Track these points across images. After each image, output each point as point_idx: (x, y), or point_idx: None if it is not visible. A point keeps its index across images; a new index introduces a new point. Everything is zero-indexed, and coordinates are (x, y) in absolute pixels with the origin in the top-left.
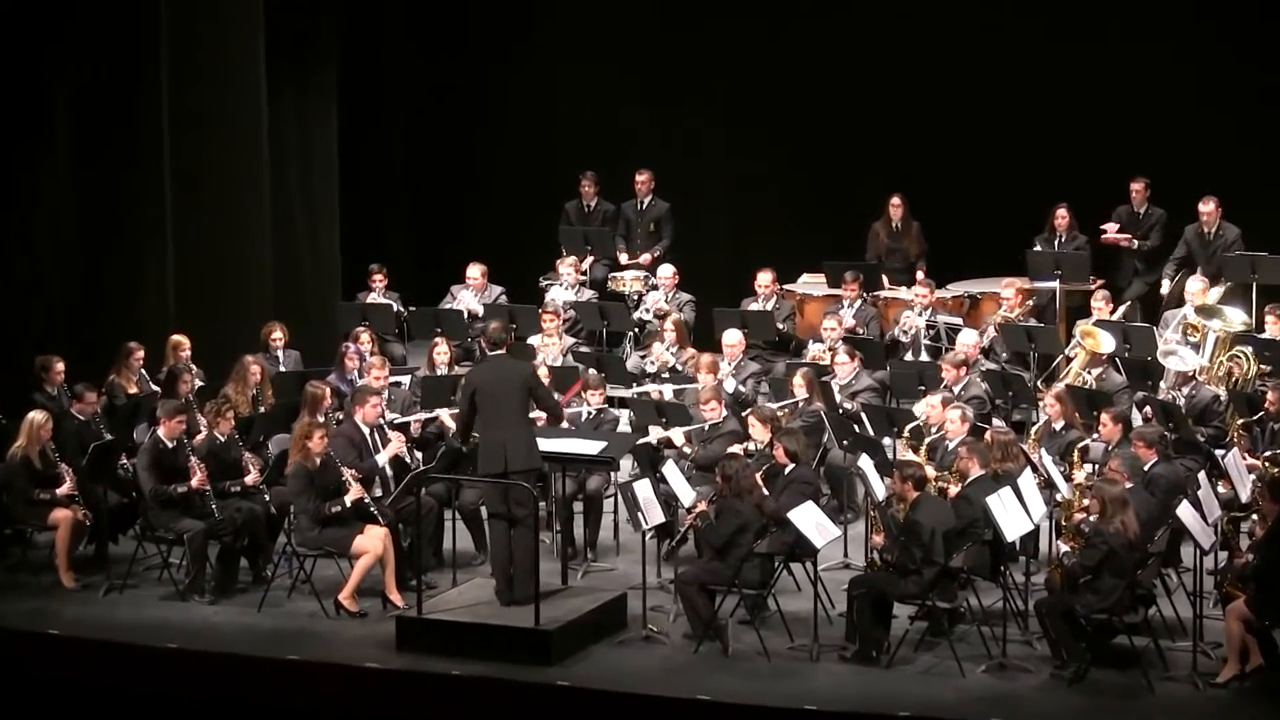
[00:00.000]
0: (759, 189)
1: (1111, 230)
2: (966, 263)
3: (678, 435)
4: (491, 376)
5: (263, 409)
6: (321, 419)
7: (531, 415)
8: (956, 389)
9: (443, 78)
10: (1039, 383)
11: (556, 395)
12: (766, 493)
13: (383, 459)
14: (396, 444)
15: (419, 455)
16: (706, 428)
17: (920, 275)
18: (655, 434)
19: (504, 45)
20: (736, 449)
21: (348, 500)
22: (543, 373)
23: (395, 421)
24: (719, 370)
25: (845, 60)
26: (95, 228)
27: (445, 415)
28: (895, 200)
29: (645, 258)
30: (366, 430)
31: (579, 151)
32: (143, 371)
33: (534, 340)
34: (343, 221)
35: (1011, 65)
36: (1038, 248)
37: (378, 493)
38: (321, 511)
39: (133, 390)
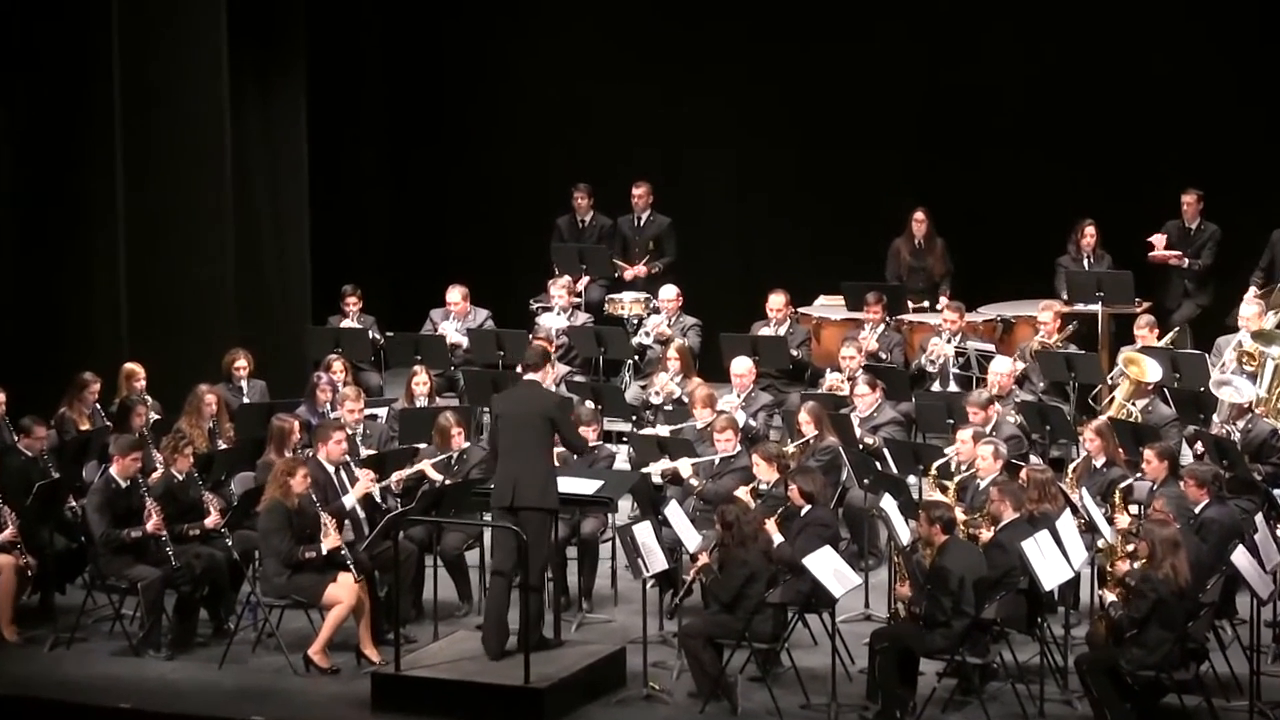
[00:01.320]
0: (770, 203)
1: (1159, 245)
2: (999, 284)
3: (685, 466)
4: (514, 403)
5: (220, 444)
6: (290, 454)
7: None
8: (988, 429)
9: (424, 83)
10: (1079, 414)
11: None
12: (779, 537)
13: (351, 500)
14: (365, 482)
15: (398, 499)
16: (717, 460)
17: (945, 298)
18: (661, 466)
19: (492, 48)
20: (743, 491)
21: (324, 547)
22: None
23: (366, 457)
24: (715, 405)
25: (863, 67)
26: (39, 244)
27: (428, 466)
28: (918, 215)
29: (640, 269)
30: (331, 468)
31: (572, 162)
32: (97, 405)
33: None
34: (313, 238)
35: (1044, 69)
36: (1066, 267)
37: (349, 537)
38: (294, 555)
39: (85, 426)
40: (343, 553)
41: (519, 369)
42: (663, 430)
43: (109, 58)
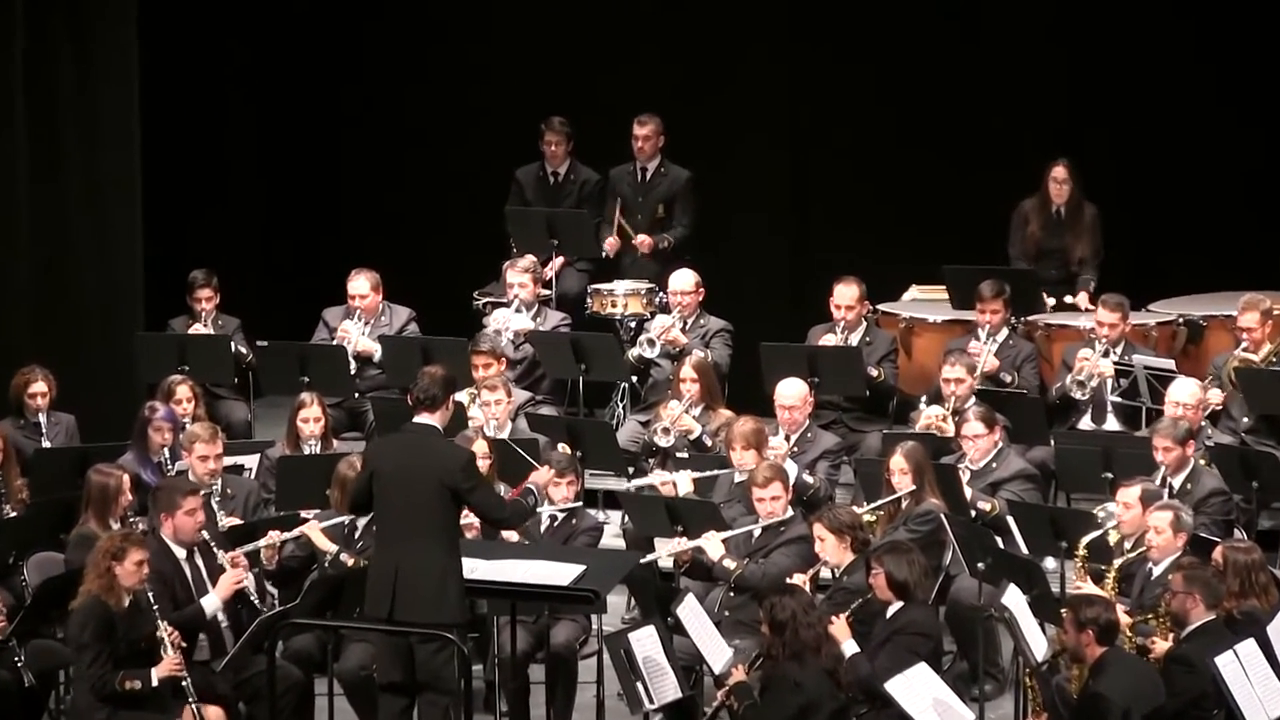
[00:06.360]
0: (837, 150)
1: None
2: (1176, 271)
3: (714, 544)
4: (398, 459)
5: (8, 509)
6: (116, 524)
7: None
8: (1177, 481)
9: None
10: None
11: (504, 489)
12: (852, 645)
13: (214, 602)
14: (234, 573)
15: (273, 593)
16: (758, 531)
17: (1090, 285)
18: (673, 546)
19: None
20: (801, 578)
21: (155, 675)
22: (480, 450)
23: (226, 529)
24: (766, 445)
25: None
26: None
27: (315, 531)
28: (1058, 170)
29: (643, 239)
30: (182, 553)
31: (540, 95)
32: None
33: (463, 397)
34: (148, 209)
35: None
36: None
37: (203, 653)
38: (110, 683)
39: None
40: (184, 684)
41: (411, 404)
42: (682, 480)
43: None
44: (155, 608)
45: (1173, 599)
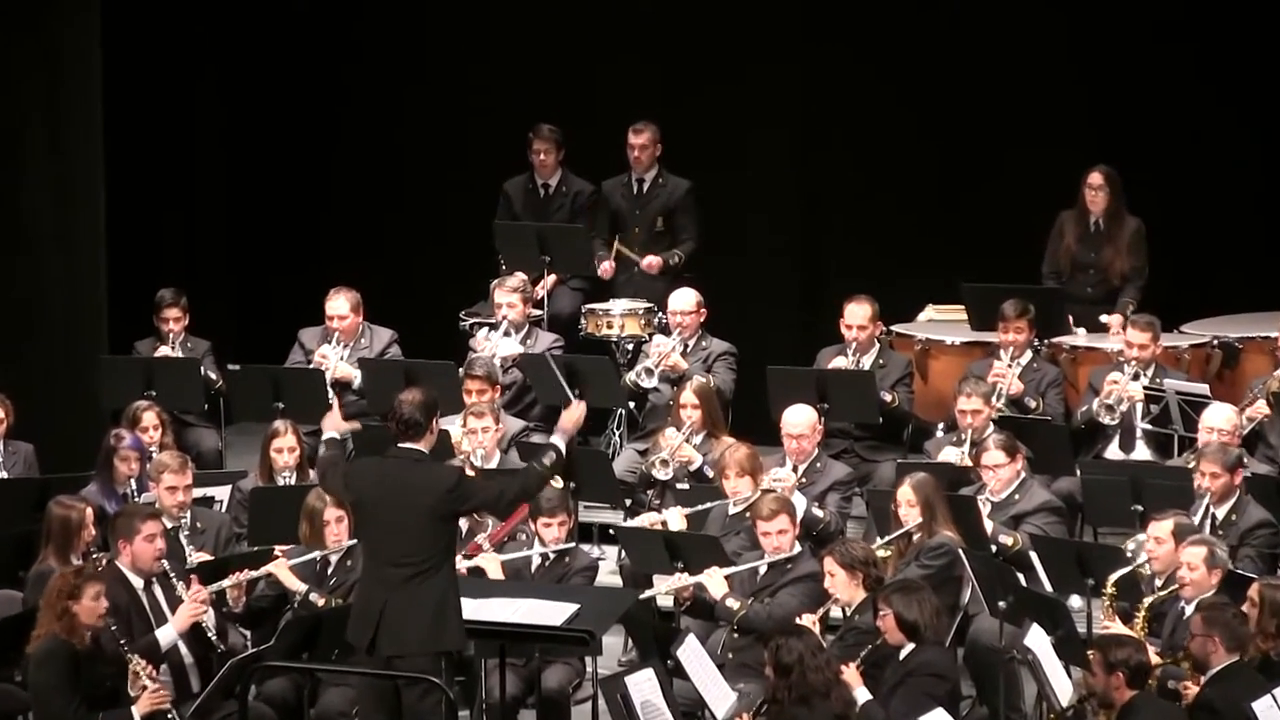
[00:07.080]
0: (844, 160)
1: None
2: (1212, 289)
3: (716, 581)
4: (383, 484)
5: None
6: (79, 560)
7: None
8: (1221, 511)
9: None
10: None
11: (492, 523)
12: (864, 693)
13: (170, 633)
14: (193, 605)
15: (245, 634)
16: (764, 568)
17: (1129, 308)
18: (671, 584)
19: None
20: (810, 619)
21: (137, 712)
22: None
23: (196, 564)
24: (761, 471)
25: None
26: None
27: (282, 570)
28: (1093, 177)
29: (652, 260)
30: (140, 582)
31: (530, 101)
32: None
33: (451, 424)
34: (112, 224)
35: None
36: None
37: (169, 694)
38: None
39: None
40: (170, 717)
41: (393, 428)
42: (673, 517)
43: None
44: (123, 642)
45: (1192, 641)
